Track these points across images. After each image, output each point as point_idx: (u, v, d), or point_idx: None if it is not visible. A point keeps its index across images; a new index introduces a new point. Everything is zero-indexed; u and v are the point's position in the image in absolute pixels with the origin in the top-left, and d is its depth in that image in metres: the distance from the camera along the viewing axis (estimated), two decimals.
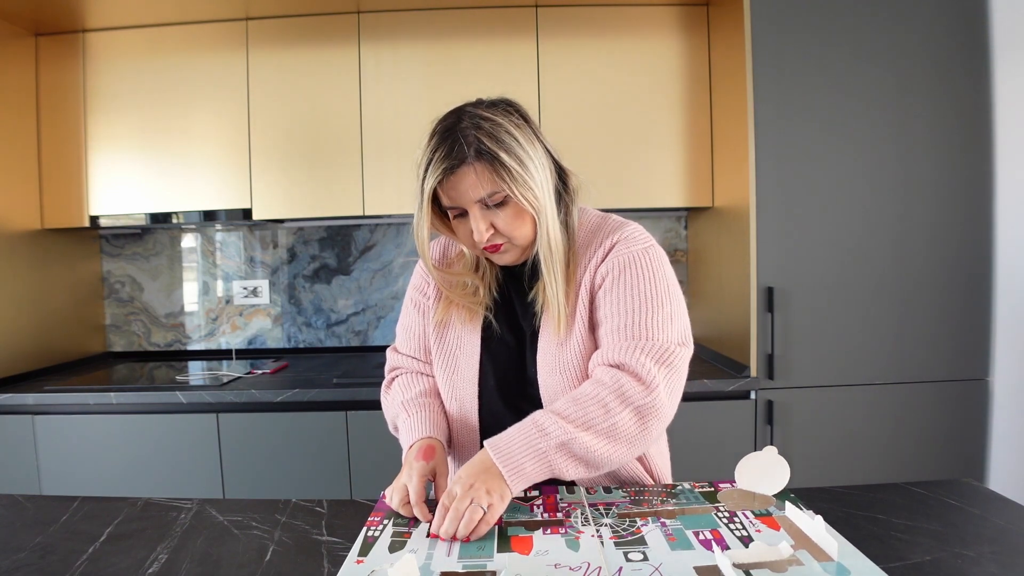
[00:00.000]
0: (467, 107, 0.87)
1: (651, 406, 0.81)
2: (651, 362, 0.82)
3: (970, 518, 0.76)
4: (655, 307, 0.86)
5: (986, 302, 1.71)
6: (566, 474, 0.80)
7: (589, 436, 0.78)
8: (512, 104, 0.90)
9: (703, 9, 1.93)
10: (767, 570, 0.62)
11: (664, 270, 0.90)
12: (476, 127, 0.83)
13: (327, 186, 1.96)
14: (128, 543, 0.76)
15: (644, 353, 0.83)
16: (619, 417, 0.80)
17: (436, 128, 0.86)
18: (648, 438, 0.82)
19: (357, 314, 2.32)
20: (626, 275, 0.88)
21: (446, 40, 1.94)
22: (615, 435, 0.80)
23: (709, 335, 2.07)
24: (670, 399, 0.83)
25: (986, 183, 1.69)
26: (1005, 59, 1.65)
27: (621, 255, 0.90)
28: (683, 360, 0.86)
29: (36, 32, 2.00)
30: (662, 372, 0.82)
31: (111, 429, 1.75)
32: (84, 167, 2.00)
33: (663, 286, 0.88)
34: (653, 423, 0.81)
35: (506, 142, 0.83)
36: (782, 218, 1.68)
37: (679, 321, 0.88)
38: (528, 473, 0.78)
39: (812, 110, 1.67)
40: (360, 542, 0.73)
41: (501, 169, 0.82)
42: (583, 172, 0.97)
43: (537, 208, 0.85)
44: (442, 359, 0.99)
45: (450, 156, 0.82)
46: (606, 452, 0.79)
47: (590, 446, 0.78)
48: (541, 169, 0.86)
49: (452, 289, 0.97)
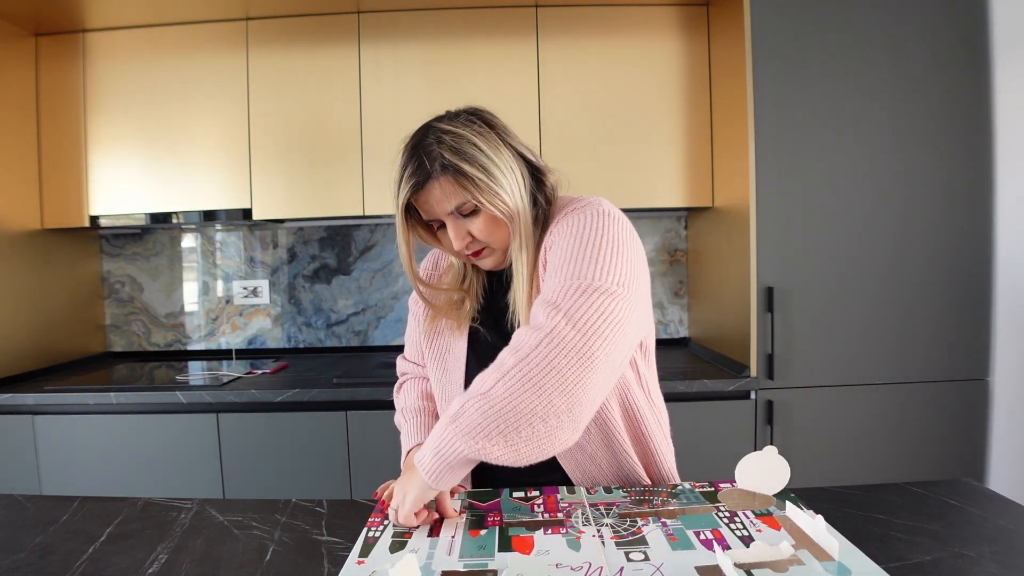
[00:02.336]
0: (432, 122, 0.89)
1: (547, 344, 0.69)
2: (552, 306, 0.73)
3: (970, 518, 0.76)
4: (579, 253, 0.78)
5: (986, 302, 1.71)
6: (474, 451, 0.69)
7: (478, 399, 0.69)
8: (476, 112, 0.91)
9: (703, 9, 1.93)
10: (768, 570, 0.62)
11: (603, 222, 0.82)
12: (439, 141, 0.84)
13: (327, 186, 1.96)
14: (128, 543, 0.76)
15: (548, 302, 0.73)
16: (509, 368, 0.69)
17: (405, 146, 0.88)
18: (560, 378, 0.67)
19: (357, 314, 2.32)
20: (561, 234, 0.83)
21: (446, 40, 1.94)
22: (508, 386, 0.68)
23: (709, 335, 2.07)
24: (576, 331, 0.69)
25: (986, 183, 1.69)
26: (1005, 59, 1.66)
27: (563, 220, 0.85)
28: (605, 295, 0.73)
29: (36, 32, 2.00)
30: (565, 308, 0.71)
31: (111, 429, 1.75)
32: (84, 167, 2.00)
33: (594, 234, 0.80)
34: (558, 360, 0.68)
35: (468, 153, 0.84)
36: (782, 218, 1.68)
37: (608, 263, 0.76)
38: (431, 466, 0.73)
39: (812, 110, 1.67)
40: (361, 543, 0.73)
41: (465, 180, 0.84)
42: (583, 172, 0.97)
43: (508, 213, 0.86)
44: (433, 364, 1.02)
45: (417, 172, 0.84)
46: (501, 406, 0.68)
47: (482, 405, 0.68)
48: (509, 173, 0.86)
49: (438, 303, 1.00)
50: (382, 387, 1.70)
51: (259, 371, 1.98)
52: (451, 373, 0.99)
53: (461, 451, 0.70)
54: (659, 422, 0.98)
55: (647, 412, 0.94)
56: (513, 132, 0.93)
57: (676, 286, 2.28)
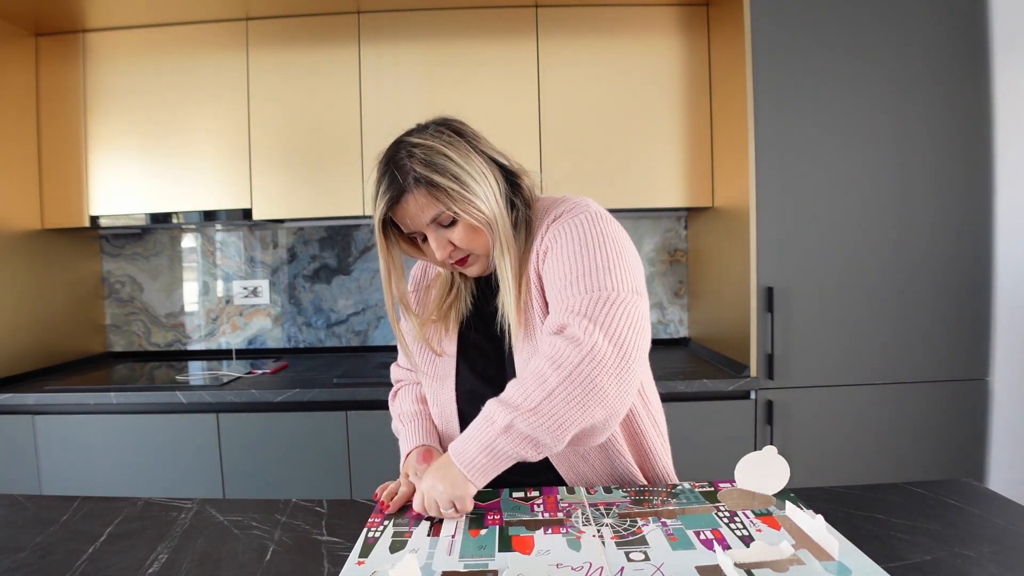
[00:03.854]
0: (402, 136, 0.90)
1: (589, 362, 0.75)
2: (585, 319, 0.78)
3: (970, 518, 0.76)
4: (589, 260, 0.83)
5: (986, 302, 1.71)
6: (525, 456, 0.77)
7: (531, 414, 0.75)
8: (445, 122, 0.92)
9: (703, 9, 1.93)
10: (769, 569, 0.62)
11: (600, 227, 0.86)
12: (409, 155, 0.86)
13: (327, 186, 1.96)
14: (128, 543, 0.76)
15: (578, 313, 0.79)
16: (555, 386, 0.75)
17: (379, 162, 0.89)
18: (602, 395, 0.75)
19: (357, 314, 2.32)
20: (560, 240, 0.87)
21: (446, 40, 1.94)
22: (554, 404, 0.75)
23: (709, 335, 2.07)
24: (614, 347, 0.76)
25: (986, 183, 1.69)
26: (1005, 59, 1.66)
27: (556, 226, 0.88)
28: (629, 305, 0.79)
29: (36, 32, 2.00)
30: (599, 321, 0.77)
31: (111, 429, 1.75)
32: (84, 167, 2.00)
33: (596, 240, 0.84)
34: (600, 377, 0.75)
35: (439, 164, 0.85)
36: (782, 218, 1.68)
37: (620, 270, 0.83)
38: (481, 464, 0.77)
39: (812, 110, 1.67)
40: (361, 543, 0.73)
41: (438, 192, 0.85)
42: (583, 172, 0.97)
43: (485, 220, 0.86)
44: (424, 368, 1.03)
45: (391, 188, 0.86)
46: (547, 427, 0.75)
47: (532, 421, 0.75)
48: (482, 180, 0.87)
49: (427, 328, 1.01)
50: (382, 387, 1.70)
51: (259, 371, 1.98)
52: (442, 377, 1.00)
53: (513, 455, 0.77)
54: (654, 421, 0.98)
55: (641, 411, 0.95)
56: (484, 138, 0.93)
57: (676, 286, 2.29)
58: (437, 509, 0.78)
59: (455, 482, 0.78)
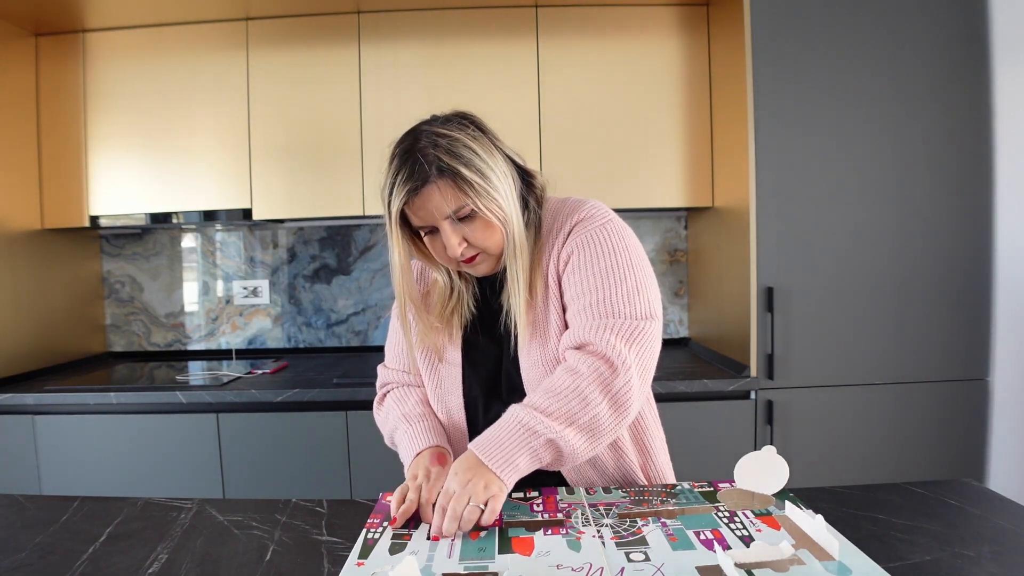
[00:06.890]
0: (422, 126, 0.88)
1: (624, 393, 0.81)
2: (620, 341, 0.82)
3: (970, 518, 0.76)
4: (618, 281, 0.86)
5: (986, 302, 1.71)
6: (549, 467, 0.82)
7: (572, 432, 0.79)
8: (467, 117, 0.90)
9: (703, 9, 1.93)
10: (769, 569, 0.62)
11: (625, 242, 0.90)
12: (434, 145, 0.83)
13: (327, 186, 1.96)
14: (128, 543, 0.76)
15: (611, 332, 0.82)
16: (598, 409, 0.80)
17: (395, 151, 0.87)
18: (621, 428, 0.83)
19: (357, 314, 2.32)
20: (587, 252, 0.88)
21: (446, 40, 1.94)
22: (596, 429, 0.80)
23: (709, 335, 2.07)
24: (641, 380, 0.83)
25: (986, 182, 1.69)
26: (1005, 60, 1.65)
27: (580, 234, 0.90)
28: (652, 335, 0.85)
29: (36, 32, 2.00)
30: (633, 351, 0.82)
31: (111, 429, 1.75)
32: (84, 167, 2.00)
33: (624, 259, 0.88)
34: (626, 412, 0.82)
35: (465, 156, 0.83)
36: (782, 218, 1.68)
37: (645, 292, 0.87)
38: (520, 466, 0.79)
39: (812, 110, 1.67)
40: (360, 544, 0.73)
41: (464, 184, 0.83)
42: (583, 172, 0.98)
43: (503, 218, 0.86)
44: (427, 372, 1.00)
45: (412, 177, 0.83)
46: (586, 447, 0.81)
47: (573, 442, 0.79)
48: (503, 178, 0.87)
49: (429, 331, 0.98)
50: None
51: (259, 371, 1.98)
52: (446, 381, 0.98)
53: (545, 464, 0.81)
54: (656, 420, 1.00)
55: (647, 411, 0.97)
56: (500, 137, 0.92)
57: (676, 286, 2.29)
58: (458, 517, 0.73)
59: (490, 483, 0.76)
